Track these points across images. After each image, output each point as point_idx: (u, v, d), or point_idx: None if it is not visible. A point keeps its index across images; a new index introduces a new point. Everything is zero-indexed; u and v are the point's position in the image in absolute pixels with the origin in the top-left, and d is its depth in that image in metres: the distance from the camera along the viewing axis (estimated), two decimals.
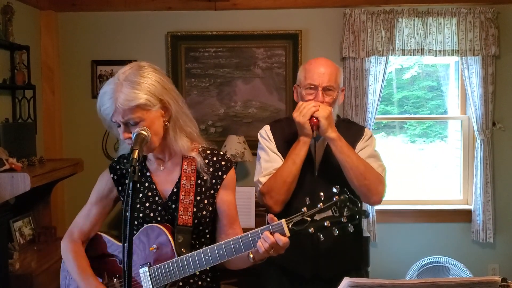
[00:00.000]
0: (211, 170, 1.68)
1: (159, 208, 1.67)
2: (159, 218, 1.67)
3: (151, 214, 1.67)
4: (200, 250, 1.56)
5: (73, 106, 3.83)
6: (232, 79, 3.80)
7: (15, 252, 2.86)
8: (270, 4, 3.73)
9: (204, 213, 1.66)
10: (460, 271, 3.53)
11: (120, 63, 3.77)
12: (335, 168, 2.04)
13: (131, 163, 1.38)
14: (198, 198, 1.66)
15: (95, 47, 3.79)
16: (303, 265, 2.09)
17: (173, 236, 1.61)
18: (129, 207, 1.36)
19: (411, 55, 3.72)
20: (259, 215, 3.25)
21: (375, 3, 3.70)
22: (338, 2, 3.72)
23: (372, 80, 3.70)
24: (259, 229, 1.53)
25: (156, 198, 1.68)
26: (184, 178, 1.66)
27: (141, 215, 1.67)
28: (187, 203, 1.64)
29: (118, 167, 1.74)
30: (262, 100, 3.81)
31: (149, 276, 1.60)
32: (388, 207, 3.86)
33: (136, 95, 1.51)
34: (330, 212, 1.48)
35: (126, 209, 1.38)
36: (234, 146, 3.52)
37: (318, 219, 1.47)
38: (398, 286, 1.20)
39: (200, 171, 1.67)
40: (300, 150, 2.01)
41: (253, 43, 3.78)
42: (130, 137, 1.53)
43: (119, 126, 1.56)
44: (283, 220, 1.50)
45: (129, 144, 1.56)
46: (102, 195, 1.76)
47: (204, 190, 1.67)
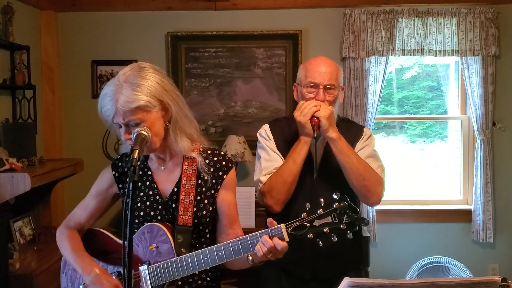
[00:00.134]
0: (212, 170, 1.69)
1: (160, 207, 1.68)
2: (159, 217, 1.67)
3: (152, 213, 1.67)
4: (200, 251, 1.56)
5: (73, 106, 3.83)
6: (232, 79, 3.80)
7: (15, 252, 2.86)
8: (270, 4, 3.73)
9: (204, 213, 1.66)
10: (460, 271, 3.53)
11: (120, 63, 3.82)
12: (335, 168, 2.04)
13: (131, 163, 1.39)
14: (198, 198, 1.66)
15: (95, 47, 3.79)
16: (302, 265, 2.09)
17: (173, 235, 1.61)
18: (129, 206, 1.37)
19: (411, 55, 3.72)
20: (259, 215, 3.24)
21: (375, 3, 3.70)
22: (338, 2, 3.72)
23: (372, 80, 3.70)
24: (258, 232, 1.53)
25: (157, 197, 1.69)
26: (185, 178, 1.66)
27: (141, 214, 1.67)
28: (187, 203, 1.64)
29: (120, 164, 1.76)
30: (262, 100, 3.81)
31: (148, 274, 1.61)
32: (388, 207, 3.86)
33: (136, 96, 1.51)
34: (329, 219, 1.48)
35: (126, 208, 1.38)
36: (234, 146, 3.52)
37: (318, 225, 1.48)
38: (398, 286, 1.20)
39: (200, 171, 1.67)
40: (301, 149, 2.01)
41: (253, 43, 3.78)
42: (131, 138, 1.54)
43: (120, 127, 1.57)
44: (282, 225, 1.50)
45: (130, 144, 1.56)
46: (102, 189, 1.79)
47: (204, 190, 1.68)
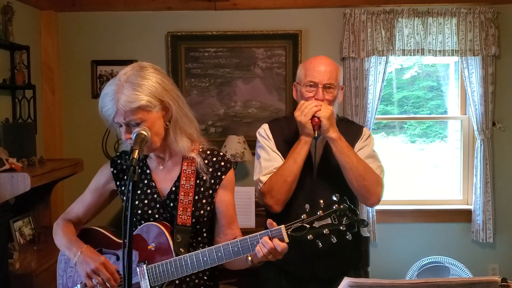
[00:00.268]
0: (211, 170, 1.69)
1: (158, 206, 1.68)
2: (157, 216, 1.68)
3: (149, 212, 1.68)
4: (199, 251, 1.57)
5: (73, 106, 3.83)
6: (232, 79, 3.80)
7: (15, 252, 2.86)
8: (270, 4, 3.73)
9: (202, 212, 1.67)
10: (460, 271, 3.53)
11: (120, 63, 3.82)
12: (334, 168, 2.04)
13: (131, 163, 1.39)
14: (196, 197, 1.67)
15: (95, 47, 3.79)
16: (302, 265, 2.09)
17: (172, 235, 1.61)
18: (129, 206, 1.37)
19: (411, 55, 3.71)
20: (259, 215, 3.24)
21: (375, 3, 3.70)
22: (338, 2, 3.72)
23: (372, 80, 3.70)
24: (258, 233, 1.53)
25: (155, 196, 1.69)
26: (184, 178, 1.66)
27: (139, 212, 1.68)
28: (187, 203, 1.65)
29: (119, 161, 1.77)
30: (262, 100, 3.81)
31: (146, 274, 1.61)
32: (388, 207, 3.86)
33: (137, 96, 1.52)
34: (329, 220, 1.49)
35: (126, 208, 1.38)
36: (234, 146, 3.51)
37: (317, 226, 1.49)
38: (398, 286, 1.20)
39: (200, 171, 1.68)
40: (301, 149, 2.01)
41: (253, 43, 3.77)
42: (132, 137, 1.54)
43: (121, 127, 1.58)
44: (282, 226, 1.51)
45: (130, 144, 1.57)
46: (99, 185, 1.80)
47: (203, 190, 1.68)
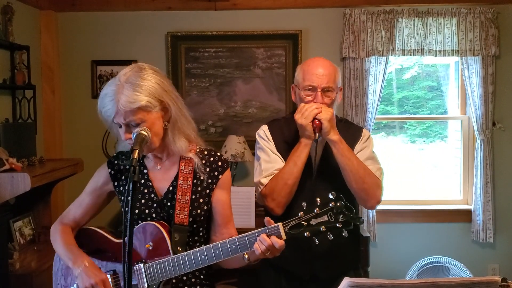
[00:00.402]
0: (208, 170, 1.71)
1: (155, 205, 1.70)
2: (154, 215, 1.69)
3: (147, 211, 1.69)
4: (196, 249, 1.58)
5: (73, 106, 3.83)
6: (232, 79, 3.80)
7: (15, 252, 2.86)
8: (270, 4, 3.73)
9: (199, 211, 1.68)
10: (460, 271, 3.53)
11: (120, 63, 3.82)
12: (334, 169, 2.03)
13: (131, 163, 1.40)
14: (193, 196, 1.68)
15: (95, 47, 3.79)
16: (301, 266, 2.09)
17: (169, 234, 1.63)
18: (129, 206, 1.38)
19: (411, 55, 3.72)
20: (259, 215, 3.24)
21: (375, 3, 3.70)
22: (338, 2, 3.72)
23: (372, 80, 3.70)
24: (255, 231, 1.55)
25: (152, 196, 1.70)
26: (181, 178, 1.68)
27: (136, 212, 1.69)
28: (184, 202, 1.66)
29: (116, 162, 1.77)
30: (262, 100, 3.81)
31: (144, 272, 1.62)
32: (388, 207, 3.86)
33: (137, 97, 1.53)
34: (326, 217, 1.51)
35: (126, 208, 1.39)
36: (234, 146, 3.51)
37: (314, 223, 1.51)
38: (398, 286, 1.20)
39: (197, 171, 1.69)
40: (302, 152, 2.00)
41: (253, 43, 3.77)
42: (131, 137, 1.55)
43: (120, 127, 1.58)
44: (280, 224, 1.53)
45: (130, 144, 1.57)
46: (97, 186, 1.80)
47: (200, 189, 1.70)
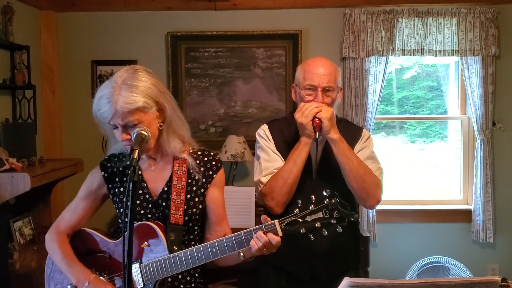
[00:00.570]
0: (202, 169, 1.74)
1: (150, 205, 1.71)
2: (149, 215, 1.71)
3: (142, 211, 1.71)
4: (193, 248, 1.60)
5: (73, 106, 3.83)
6: (232, 79, 3.80)
7: (15, 252, 2.86)
8: (270, 4, 3.73)
9: (194, 210, 1.71)
10: (460, 271, 3.53)
11: (120, 63, 3.83)
12: (333, 169, 2.04)
13: (131, 163, 1.42)
14: (188, 196, 1.71)
15: (95, 47, 3.79)
16: (301, 266, 2.09)
17: (165, 234, 1.64)
18: (129, 206, 1.39)
19: (411, 55, 3.71)
20: (259, 215, 3.22)
21: (375, 3, 3.70)
22: (338, 2, 3.72)
23: (372, 80, 3.70)
24: (252, 228, 1.58)
25: (147, 196, 1.72)
26: (176, 178, 1.70)
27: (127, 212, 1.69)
28: (179, 202, 1.68)
29: (109, 165, 1.79)
30: (262, 100, 3.81)
31: (140, 272, 1.62)
32: (388, 207, 3.86)
33: (135, 98, 1.55)
34: (320, 214, 1.55)
35: (125, 208, 1.40)
36: (234, 146, 3.51)
37: (310, 220, 1.55)
38: (398, 286, 1.20)
39: (192, 171, 1.72)
40: (301, 151, 2.00)
41: (253, 43, 3.77)
42: (129, 138, 1.58)
43: (115, 128, 1.60)
44: (276, 221, 1.57)
45: (126, 145, 1.60)
46: (91, 190, 1.81)
47: (195, 189, 1.72)
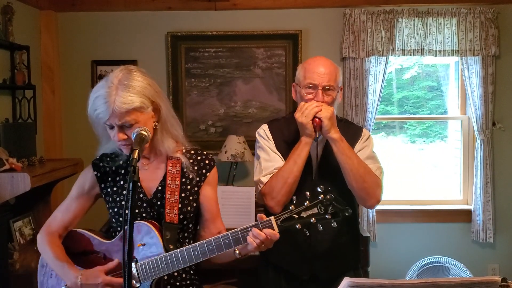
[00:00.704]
0: (196, 168, 1.76)
1: (144, 204, 1.73)
2: (144, 215, 1.72)
3: (136, 211, 1.72)
4: (189, 246, 1.61)
5: (73, 106, 3.83)
6: (232, 79, 3.80)
7: (15, 252, 2.87)
8: (270, 4, 3.73)
9: (189, 208, 1.73)
10: (460, 271, 3.53)
11: (120, 63, 3.75)
12: (333, 169, 2.04)
13: (131, 163, 1.43)
14: (183, 195, 1.72)
15: (95, 47, 3.79)
16: (301, 266, 2.09)
17: (160, 233, 1.65)
18: (129, 206, 1.40)
19: (411, 55, 3.72)
20: None
21: (375, 3, 3.70)
22: (338, 2, 3.72)
23: (372, 80, 3.70)
24: (248, 225, 1.59)
25: (141, 195, 1.73)
26: (170, 178, 1.72)
27: (126, 212, 1.69)
28: (173, 201, 1.70)
29: (101, 164, 1.81)
30: (262, 100, 3.80)
31: (136, 271, 1.63)
32: (388, 207, 3.86)
33: (132, 98, 1.57)
34: (315, 210, 1.58)
35: (126, 207, 1.41)
36: (234, 146, 3.51)
37: (305, 216, 1.57)
38: (398, 286, 1.20)
39: (186, 170, 1.74)
40: (302, 150, 2.00)
41: (253, 43, 3.77)
42: (125, 138, 1.59)
43: (111, 128, 1.61)
44: (272, 217, 1.59)
45: (122, 145, 1.62)
46: (84, 190, 1.82)
47: (189, 188, 1.74)
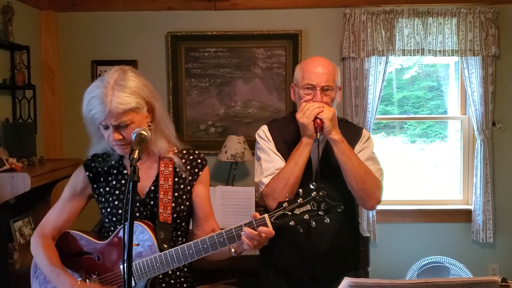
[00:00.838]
0: (188, 168, 1.77)
1: (137, 204, 1.73)
2: (137, 214, 1.72)
3: None
4: (184, 245, 1.61)
5: (73, 106, 3.79)
6: (232, 79, 3.80)
7: (15, 252, 2.86)
8: (270, 4, 3.73)
9: (182, 207, 1.74)
10: (460, 271, 3.53)
11: (120, 63, 3.76)
12: (334, 170, 2.03)
13: (132, 163, 1.43)
14: (176, 194, 1.73)
15: (95, 47, 3.79)
16: (301, 266, 2.09)
17: (154, 232, 1.66)
18: (129, 206, 1.39)
19: (411, 55, 3.71)
20: None
21: (375, 3, 3.70)
22: (338, 2, 3.72)
23: (372, 80, 3.70)
24: (242, 223, 1.60)
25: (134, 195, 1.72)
26: (162, 178, 1.72)
27: (119, 212, 1.72)
28: (166, 201, 1.71)
29: (93, 165, 1.79)
30: (262, 100, 3.80)
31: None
32: (388, 207, 3.86)
33: (128, 98, 1.58)
34: (309, 206, 1.59)
35: (126, 207, 1.41)
36: (234, 146, 3.51)
37: (298, 213, 1.59)
38: (398, 286, 1.20)
39: (178, 170, 1.74)
40: (303, 151, 2.00)
41: (253, 43, 3.77)
42: (121, 138, 1.60)
43: (106, 129, 1.61)
44: (265, 215, 1.59)
45: (117, 145, 1.62)
46: (76, 191, 1.81)
47: (182, 187, 1.75)
